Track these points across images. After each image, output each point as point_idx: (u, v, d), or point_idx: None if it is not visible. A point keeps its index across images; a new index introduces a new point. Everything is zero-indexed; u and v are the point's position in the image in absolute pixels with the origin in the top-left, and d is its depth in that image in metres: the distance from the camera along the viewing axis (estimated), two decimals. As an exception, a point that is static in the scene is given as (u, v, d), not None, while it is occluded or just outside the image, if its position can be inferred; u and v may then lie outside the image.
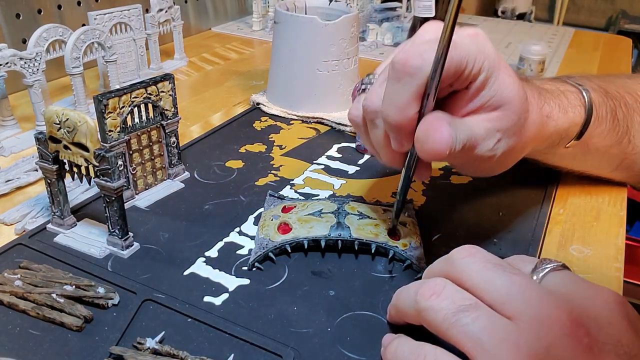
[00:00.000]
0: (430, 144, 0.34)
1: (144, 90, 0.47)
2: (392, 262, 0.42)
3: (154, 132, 0.50)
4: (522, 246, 0.45)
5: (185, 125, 0.66)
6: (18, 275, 0.39)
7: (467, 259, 0.31)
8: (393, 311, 0.35)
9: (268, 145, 0.61)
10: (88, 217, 0.47)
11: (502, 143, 0.39)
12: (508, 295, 0.28)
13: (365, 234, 0.42)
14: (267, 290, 0.40)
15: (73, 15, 0.81)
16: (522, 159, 0.50)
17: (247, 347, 0.35)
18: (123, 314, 0.37)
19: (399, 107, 0.36)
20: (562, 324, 0.26)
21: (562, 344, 0.26)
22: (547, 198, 0.52)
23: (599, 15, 2.72)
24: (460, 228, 0.47)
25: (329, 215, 0.44)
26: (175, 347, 0.34)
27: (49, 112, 0.40)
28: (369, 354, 0.35)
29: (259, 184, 0.54)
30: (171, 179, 0.53)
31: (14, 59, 0.58)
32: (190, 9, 1.04)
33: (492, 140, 0.38)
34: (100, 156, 0.40)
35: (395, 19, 1.07)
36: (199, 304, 0.38)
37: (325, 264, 0.42)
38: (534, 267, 0.31)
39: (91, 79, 0.78)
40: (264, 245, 0.42)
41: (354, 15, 0.66)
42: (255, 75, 0.85)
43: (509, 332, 0.27)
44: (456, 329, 0.28)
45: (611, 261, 0.45)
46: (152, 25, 0.79)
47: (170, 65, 0.87)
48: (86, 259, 0.42)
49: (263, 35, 1.07)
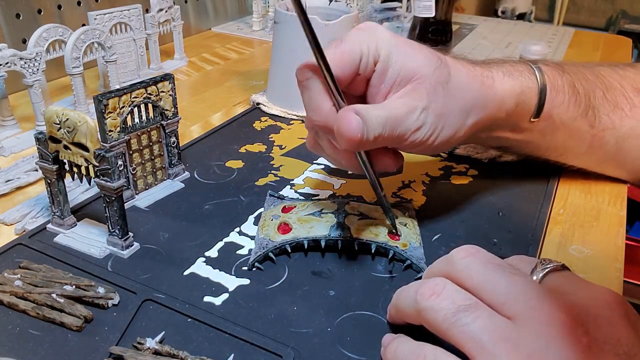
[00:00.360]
0: (343, 135, 0.37)
1: (144, 90, 0.47)
2: (392, 262, 0.42)
3: (154, 132, 0.50)
4: (522, 246, 0.45)
5: (185, 125, 0.66)
6: (18, 275, 0.39)
7: (467, 259, 0.31)
8: (393, 311, 0.35)
9: (268, 145, 0.61)
10: (88, 217, 0.47)
11: (426, 114, 0.40)
12: (508, 295, 0.28)
13: (365, 234, 0.42)
14: (267, 290, 0.40)
15: (73, 15, 0.81)
16: (522, 160, 0.50)
17: (247, 347, 0.35)
18: (123, 314, 0.37)
19: (314, 110, 0.39)
20: (561, 324, 0.26)
21: (562, 343, 0.26)
22: (547, 198, 0.52)
23: (599, 15, 2.72)
24: (460, 228, 0.47)
25: (329, 215, 0.44)
26: (175, 347, 0.34)
27: (49, 112, 0.40)
28: (369, 354, 0.35)
29: (259, 184, 0.54)
30: (171, 179, 0.53)
31: (14, 59, 0.58)
32: (190, 9, 1.04)
33: (414, 114, 0.39)
34: (100, 156, 0.40)
35: (395, 19, 1.07)
36: (199, 304, 0.38)
37: (325, 264, 0.42)
38: (534, 268, 0.31)
39: (91, 79, 0.78)
40: (264, 245, 0.42)
41: (354, 15, 0.66)
42: (255, 75, 0.85)
43: (508, 331, 0.27)
44: (456, 329, 0.28)
45: (611, 261, 0.45)
46: (152, 25, 0.79)
47: (170, 65, 0.87)
48: (86, 259, 0.42)
49: (263, 35, 1.07)
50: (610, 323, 0.27)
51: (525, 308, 0.27)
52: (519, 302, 0.28)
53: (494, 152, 0.58)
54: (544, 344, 0.26)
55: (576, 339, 0.26)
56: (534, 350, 0.26)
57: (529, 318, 0.27)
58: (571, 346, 0.26)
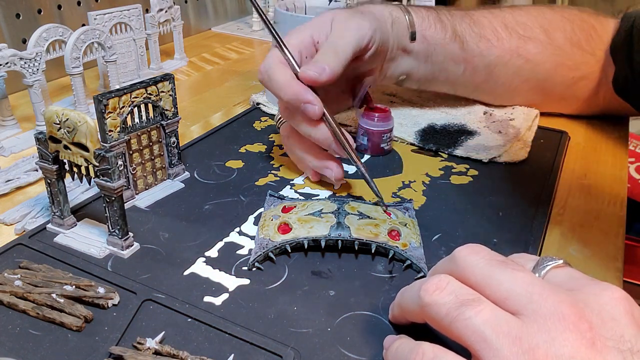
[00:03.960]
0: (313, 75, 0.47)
1: (144, 90, 0.47)
2: (392, 262, 0.42)
3: (154, 132, 0.50)
4: (522, 246, 0.45)
5: (185, 125, 0.66)
6: (18, 275, 0.39)
7: (471, 256, 0.31)
8: (396, 310, 0.35)
9: (268, 145, 0.61)
10: (88, 217, 0.47)
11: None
12: (511, 290, 0.28)
13: (365, 234, 0.42)
14: (267, 290, 0.40)
15: (73, 15, 0.81)
16: (522, 160, 0.51)
17: (247, 347, 0.35)
18: (123, 314, 0.37)
19: (282, 88, 0.48)
20: (565, 319, 0.26)
21: (565, 338, 0.26)
22: (546, 198, 0.52)
23: (598, 15, 2.72)
24: (460, 228, 0.47)
25: (329, 215, 0.44)
26: (175, 347, 0.34)
27: (49, 112, 0.40)
28: (369, 354, 0.35)
29: (259, 184, 0.54)
30: (171, 179, 0.53)
31: (14, 59, 0.58)
32: (190, 9, 1.04)
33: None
34: (100, 156, 0.40)
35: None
36: (199, 304, 0.38)
37: (325, 264, 0.42)
38: (536, 265, 0.31)
39: (91, 79, 0.78)
40: (264, 245, 0.42)
41: (354, 15, 0.66)
42: (255, 75, 0.85)
43: (511, 326, 0.27)
44: (459, 323, 0.28)
45: (611, 261, 0.45)
46: (152, 25, 0.79)
47: (170, 65, 0.87)
48: (86, 259, 0.42)
49: (263, 35, 1.07)
50: (614, 319, 0.27)
51: (528, 303, 0.27)
52: (522, 297, 0.28)
53: (494, 152, 0.58)
54: (548, 338, 0.26)
55: (580, 334, 0.26)
56: (537, 345, 0.26)
57: (533, 313, 0.27)
58: (575, 341, 0.26)
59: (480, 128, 0.64)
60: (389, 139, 0.59)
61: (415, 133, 0.63)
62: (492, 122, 0.66)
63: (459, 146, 0.60)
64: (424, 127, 0.64)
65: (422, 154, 0.60)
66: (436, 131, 0.63)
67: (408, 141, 0.62)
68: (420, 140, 0.62)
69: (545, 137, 0.64)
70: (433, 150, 0.61)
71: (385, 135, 0.59)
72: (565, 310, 0.27)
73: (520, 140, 0.62)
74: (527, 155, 0.59)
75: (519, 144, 0.61)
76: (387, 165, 0.58)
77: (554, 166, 0.58)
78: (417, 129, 0.64)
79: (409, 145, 0.62)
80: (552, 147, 0.62)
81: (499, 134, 0.63)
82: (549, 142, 0.63)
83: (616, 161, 0.61)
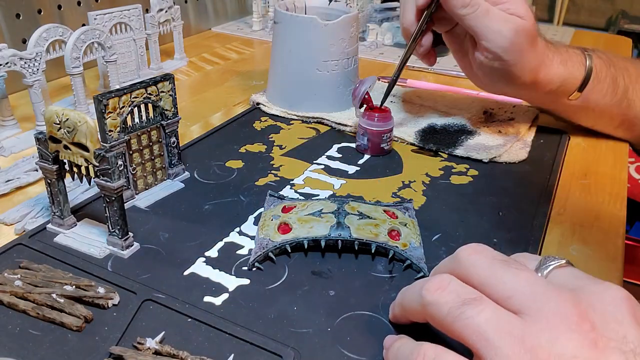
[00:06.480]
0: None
1: (144, 90, 0.47)
2: (392, 262, 0.42)
3: (154, 132, 0.50)
4: (522, 246, 0.45)
5: (185, 125, 0.66)
6: (18, 275, 0.39)
7: (474, 256, 0.31)
8: (397, 309, 0.35)
9: (268, 145, 0.61)
10: (88, 217, 0.47)
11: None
12: (513, 290, 0.28)
13: (365, 234, 0.42)
14: (267, 290, 0.40)
15: (73, 15, 0.81)
16: (522, 160, 0.51)
17: (247, 347, 0.35)
18: (123, 314, 0.37)
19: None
20: (567, 319, 0.26)
21: (567, 338, 0.26)
22: (546, 198, 0.52)
23: (599, 15, 2.72)
24: (460, 228, 0.47)
25: (329, 215, 0.44)
26: (175, 347, 0.34)
27: (49, 112, 0.40)
28: (369, 354, 0.35)
29: (259, 184, 0.54)
30: (171, 179, 0.53)
31: (14, 59, 0.58)
32: (190, 9, 1.04)
33: None
34: (100, 156, 0.40)
35: (395, 19, 1.07)
36: (199, 304, 0.38)
37: (325, 264, 0.42)
38: (539, 264, 0.31)
39: (91, 79, 0.78)
40: (264, 245, 0.42)
41: (354, 15, 0.66)
42: (255, 75, 0.85)
43: (513, 325, 0.27)
44: (461, 322, 0.28)
45: (611, 261, 0.45)
46: (152, 25, 0.79)
47: (170, 65, 0.87)
48: (86, 259, 0.42)
49: (263, 35, 1.07)
50: (616, 319, 0.27)
51: (531, 302, 0.27)
52: (524, 297, 0.28)
53: (494, 152, 0.58)
54: (550, 338, 0.26)
55: (582, 335, 0.26)
56: (540, 344, 0.26)
57: (535, 312, 0.27)
58: (577, 341, 0.26)
59: (480, 128, 0.64)
60: (389, 139, 0.59)
61: (415, 133, 0.63)
62: (492, 122, 0.66)
63: (459, 146, 0.60)
64: (424, 127, 0.64)
65: (422, 154, 0.60)
66: (436, 131, 0.63)
67: (408, 141, 0.62)
68: (420, 140, 0.62)
69: (545, 137, 0.64)
70: (433, 150, 0.61)
71: (385, 135, 0.59)
72: (568, 310, 0.27)
73: (520, 140, 0.62)
74: (527, 155, 0.59)
75: (519, 144, 0.61)
76: (387, 165, 0.58)
77: (554, 166, 0.58)
78: (417, 129, 0.64)
79: (409, 145, 0.62)
80: (552, 147, 0.62)
81: (499, 134, 0.63)
82: (549, 142, 0.63)
83: (616, 161, 0.61)
